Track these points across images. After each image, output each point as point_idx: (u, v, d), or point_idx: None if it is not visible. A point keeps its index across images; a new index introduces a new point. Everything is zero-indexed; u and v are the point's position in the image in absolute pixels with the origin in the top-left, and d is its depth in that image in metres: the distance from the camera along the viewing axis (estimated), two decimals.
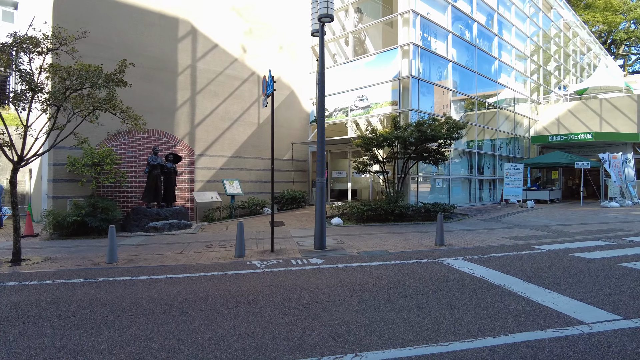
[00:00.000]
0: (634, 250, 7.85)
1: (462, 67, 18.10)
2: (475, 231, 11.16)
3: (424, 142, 13.29)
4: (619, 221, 13.04)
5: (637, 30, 50.28)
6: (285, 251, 8.62)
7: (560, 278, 5.83)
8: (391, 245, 9.05)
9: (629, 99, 21.95)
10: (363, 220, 13.25)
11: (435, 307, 4.66)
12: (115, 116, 8.78)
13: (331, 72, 18.22)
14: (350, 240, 9.97)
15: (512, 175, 18.44)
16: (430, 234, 10.56)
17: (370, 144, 13.36)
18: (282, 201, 16.64)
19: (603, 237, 9.68)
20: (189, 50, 14.93)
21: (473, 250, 8.23)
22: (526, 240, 9.54)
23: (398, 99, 15.29)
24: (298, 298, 5.11)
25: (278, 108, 17.81)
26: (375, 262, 7.22)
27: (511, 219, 13.97)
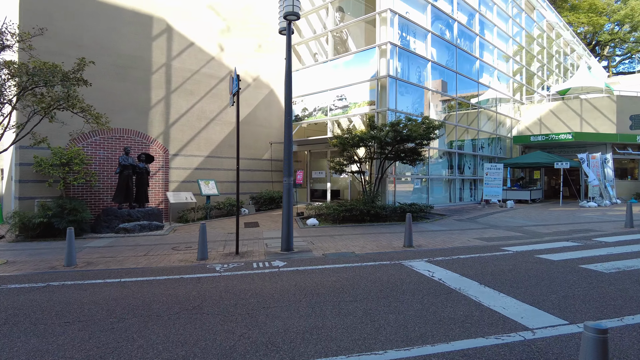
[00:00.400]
0: (599, 252, 7.80)
1: (442, 67, 18.05)
2: (448, 232, 11.08)
3: (400, 142, 13.20)
4: (593, 221, 13.06)
5: (620, 32, 50.80)
6: (251, 253, 8.45)
7: (518, 281, 5.74)
8: (360, 247, 8.93)
9: (609, 100, 22.10)
10: (339, 221, 13.11)
11: (382, 312, 4.53)
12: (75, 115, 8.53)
13: (310, 71, 18.08)
14: (321, 241, 9.82)
15: (492, 175, 18.44)
16: (402, 235, 10.44)
17: (346, 144, 13.23)
18: (260, 201, 16.45)
19: (573, 238, 9.65)
20: (164, 48, 14.68)
21: (440, 252, 8.13)
22: (497, 241, 9.47)
23: (376, 98, 15.18)
24: (245, 303, 4.95)
25: (257, 107, 17.62)
26: (338, 265, 7.08)
27: (488, 219, 13.93)
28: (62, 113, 8.86)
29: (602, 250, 7.90)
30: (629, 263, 6.70)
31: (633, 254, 7.49)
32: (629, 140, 21.54)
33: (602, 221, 13.06)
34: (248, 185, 17.23)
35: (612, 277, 5.86)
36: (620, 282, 5.56)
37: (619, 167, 23.10)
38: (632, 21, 47.17)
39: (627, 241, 9.01)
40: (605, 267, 6.46)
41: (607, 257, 7.29)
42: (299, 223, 13.14)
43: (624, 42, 53.59)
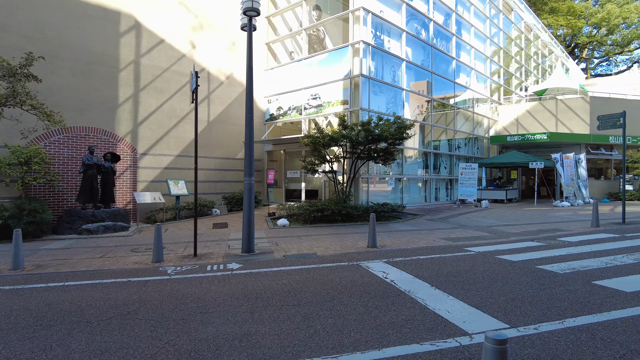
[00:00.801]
0: (559, 252, 7.77)
1: (418, 67, 18.02)
2: (416, 232, 10.99)
3: (372, 142, 13.09)
4: (563, 220, 13.12)
5: (597, 35, 51.65)
6: (210, 255, 8.22)
7: (472, 283, 5.63)
8: (324, 248, 8.76)
9: (582, 101, 22.36)
10: (310, 221, 12.94)
11: (323, 316, 4.36)
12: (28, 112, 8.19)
13: (285, 70, 17.88)
14: (286, 242, 9.63)
15: (466, 175, 18.47)
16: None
17: (317, 143, 13.07)
18: (232, 202, 16.18)
19: (538, 238, 9.63)
20: (133, 45, 14.33)
21: (402, 252, 8.01)
22: (462, 241, 9.40)
23: (349, 98, 15.06)
24: (185, 308, 4.74)
25: (230, 105, 17.35)
26: (295, 267, 6.90)
27: (460, 219, 13.91)
28: (17, 110, 8.52)
29: (563, 250, 7.87)
30: (585, 263, 6.66)
31: (591, 254, 7.47)
32: (602, 141, 21.83)
33: (572, 220, 13.13)
34: (221, 185, 16.95)
35: (566, 277, 5.80)
36: (571, 283, 5.49)
37: (593, 167, 23.43)
38: (609, 24, 47.98)
39: (590, 240, 9.02)
40: (562, 267, 6.40)
41: (565, 257, 7.25)
42: (269, 224, 12.93)
43: (601, 44, 54.54)
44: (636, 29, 49.54)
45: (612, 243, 8.66)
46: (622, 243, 8.64)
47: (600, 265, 6.52)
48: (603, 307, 4.51)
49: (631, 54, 55.34)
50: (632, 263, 6.62)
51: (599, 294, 4.98)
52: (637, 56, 55.51)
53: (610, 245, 8.36)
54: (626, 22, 48.76)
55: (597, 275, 5.90)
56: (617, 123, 12.39)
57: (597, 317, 4.18)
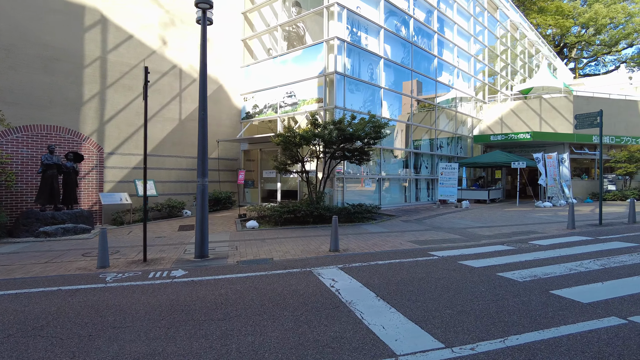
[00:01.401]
0: (526, 257, 7.39)
1: (397, 65, 17.63)
2: (386, 234, 10.58)
3: (345, 141, 12.68)
4: (541, 222, 12.80)
5: (585, 35, 51.69)
6: (160, 261, 7.76)
7: (422, 292, 5.23)
8: (284, 252, 8.34)
9: (566, 100, 22.12)
10: (281, 223, 12.50)
11: (243, 333, 3.94)
12: None
13: (261, 67, 17.43)
14: (248, 246, 9.20)
15: (447, 174, 18.13)
16: (342, 237, 9.92)
17: (289, 142, 12.63)
18: None
19: (510, 241, 9.27)
20: (98, 40, 13.79)
21: (362, 257, 7.60)
22: (430, 244, 9.01)
23: (324, 95, 14.63)
24: (99, 322, 4.29)
25: None
26: (243, 274, 6.47)
27: (436, 220, 13.54)
28: None
29: (530, 255, 7.50)
30: (549, 269, 6.29)
31: (558, 259, 7.10)
32: (585, 140, 21.60)
33: (550, 222, 12.81)
34: (193, 185, 16.44)
35: (524, 286, 5.41)
36: (528, 293, 5.11)
37: (578, 167, 23.22)
38: (596, 24, 48.02)
39: (561, 244, 8.67)
40: (523, 274, 6.02)
41: (531, 262, 6.87)
42: (238, 226, 12.48)
43: (589, 44, 54.61)
44: (623, 29, 49.65)
45: (583, 247, 8.32)
46: (593, 247, 8.29)
47: (564, 272, 6.15)
48: (553, 321, 4.13)
49: (619, 54, 55.47)
50: (597, 269, 6.25)
51: (553, 306, 4.59)
52: (625, 56, 55.61)
53: (580, 249, 8.01)
54: (613, 22, 48.84)
55: (558, 283, 5.53)
56: (594, 122, 12.08)
57: (543, 334, 3.79)
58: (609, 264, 6.59)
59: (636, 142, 22.18)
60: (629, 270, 6.19)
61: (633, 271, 6.12)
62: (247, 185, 18.17)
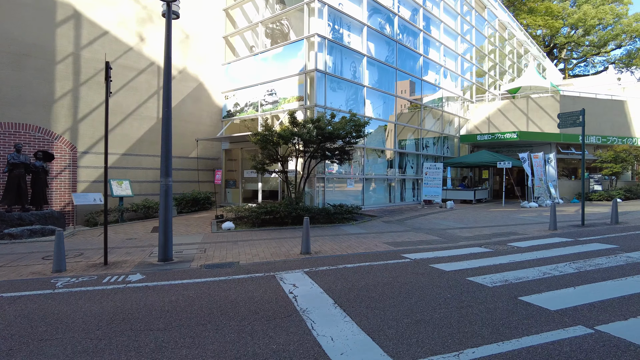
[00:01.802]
0: (502, 259, 7.13)
1: (381, 63, 17.36)
2: (363, 235, 10.29)
3: (325, 140, 12.38)
4: (524, 223, 12.58)
5: (575, 35, 51.85)
6: (122, 264, 7.40)
7: (383, 299, 4.94)
8: (253, 255, 8.02)
9: (553, 99, 22.01)
10: (258, 224, 12.17)
11: (180, 346, 3.61)
12: None
13: (243, 65, 17.09)
14: (217, 249, 8.86)
15: (431, 174, 17.89)
16: (314, 239, 9.62)
17: (267, 141, 12.30)
18: (182, 203, 15.30)
19: (488, 243, 9.01)
20: (71, 36, 13.38)
21: (332, 260, 7.29)
22: (405, 246, 8.73)
23: (304, 94, 14.32)
24: (29, 334, 3.95)
25: (183, 102, 16.48)
26: (203, 279, 6.14)
27: (418, 221, 13.28)
28: None
29: (506, 258, 7.24)
30: (522, 274, 6.02)
31: (534, 262, 6.84)
32: (572, 140, 21.49)
33: (532, 223, 12.60)
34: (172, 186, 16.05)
35: (493, 292, 5.14)
36: (495, 299, 4.83)
37: (566, 167, 23.10)
38: (585, 25, 48.16)
39: (539, 246, 8.42)
40: (494, 279, 5.75)
41: (505, 266, 6.61)
42: (214, 227, 12.13)
43: (579, 45, 54.77)
44: (612, 30, 49.84)
45: (562, 249, 8.07)
46: (572, 249, 8.05)
47: (537, 276, 5.89)
48: (516, 331, 3.84)
49: (608, 55, 55.67)
50: (572, 273, 6.00)
51: (519, 314, 4.32)
52: (614, 57, 55.85)
53: (558, 252, 7.76)
54: (602, 23, 49.02)
55: (529, 288, 5.26)
56: (576, 121, 11.89)
57: (503, 347, 3.51)
58: (584, 267, 6.34)
59: (622, 142, 22.12)
60: (603, 274, 5.95)
61: (607, 275, 5.87)
62: (228, 185, 17.82)
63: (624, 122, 22.81)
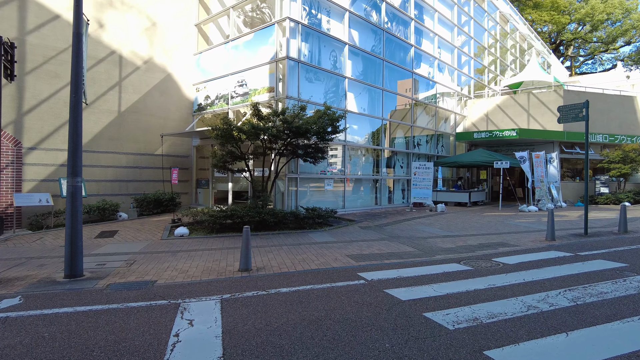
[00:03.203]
0: (478, 283, 5.68)
1: (365, 53, 15.91)
2: (329, 245, 8.87)
3: (294, 136, 10.99)
4: (518, 230, 11.11)
5: (582, 31, 50.07)
6: (15, 281, 6.04)
7: (294, 350, 3.53)
8: (182, 272, 6.64)
9: (556, 95, 20.44)
10: (217, 230, 10.79)
11: None
12: None
13: (214, 54, 15.72)
14: (149, 261, 7.50)
15: (420, 175, 16.40)
16: (268, 250, 8.23)
17: (226, 136, 10.91)
18: (143, 204, 13.94)
19: (470, 258, 7.56)
20: (14, 19, 12.05)
21: (271, 280, 5.89)
22: (369, 261, 7.31)
23: (275, 84, 12.92)
24: None
25: (148, 94, 15.12)
26: (91, 306, 4.76)
27: (399, 227, 11.84)
28: None
29: (485, 281, 5.79)
30: (499, 308, 4.58)
31: (520, 288, 5.39)
32: (577, 139, 19.93)
33: (528, 230, 11.12)
34: (134, 185, 14.73)
35: (449, 340, 3.71)
36: (450, 353, 3.40)
37: (570, 167, 21.52)
38: (593, 20, 46.38)
39: (530, 263, 6.96)
40: (459, 316, 4.31)
41: (480, 294, 5.17)
42: (166, 233, 10.77)
43: (586, 41, 53.01)
44: (621, 26, 48.04)
45: (557, 267, 6.61)
46: (570, 267, 6.59)
47: (519, 311, 4.45)
48: None
49: (616, 52, 53.87)
50: (565, 307, 4.55)
51: None
52: (623, 54, 53.98)
53: (552, 272, 6.30)
54: (610, 18, 47.23)
55: (503, 334, 3.82)
56: (579, 115, 10.40)
57: None
58: (583, 298, 4.89)
59: (631, 141, 20.49)
60: (608, 309, 4.50)
61: (613, 310, 4.42)
62: (200, 185, 16.46)
63: (633, 119, 21.20)
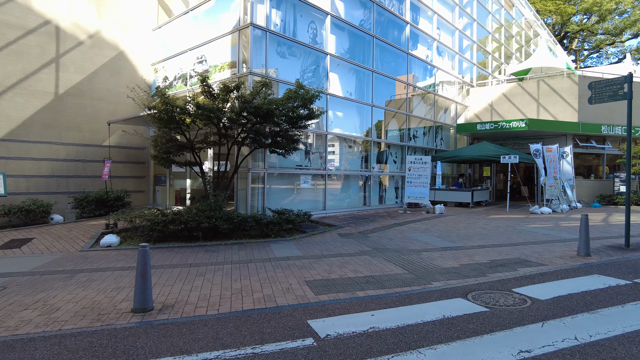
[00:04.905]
0: (501, 345, 3.40)
1: (353, 27, 13.58)
2: (289, 263, 6.59)
3: (259, 121, 8.71)
4: (536, 240, 8.83)
5: (588, 23, 47.73)
6: None
7: None
8: (46, 312, 4.36)
9: (569, 81, 18.12)
10: (156, 238, 8.48)
11: None
12: None
13: (174, 28, 13.43)
14: (24, 289, 5.26)
15: (416, 170, 14.07)
16: (209, 270, 5.95)
17: (166, 120, 8.61)
18: (83, 204, 11.64)
19: (481, 286, 5.29)
20: None
21: (166, 335, 3.61)
22: (336, 292, 5.03)
23: (237, 58, 10.62)
24: None
25: (95, 74, 12.81)
26: None
27: (388, 234, 9.56)
28: None
29: (509, 341, 3.50)
30: None
31: (570, 355, 3.12)
32: (593, 131, 17.65)
33: (550, 240, 8.84)
34: (76, 182, 12.45)
35: None
36: None
37: (581, 163, 19.24)
38: (600, 9, 44.03)
39: (572, 298, 4.66)
40: None
41: None
42: (91, 242, 8.48)
43: (592, 33, 50.71)
44: (629, 17, 45.75)
45: (619, 310, 4.33)
46: (636, 308, 4.31)
47: None
48: None
49: (622, 45, 51.64)
50: None
51: None
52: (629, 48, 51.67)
53: (615, 319, 4.03)
54: (618, 9, 44.90)
55: None
56: (618, 93, 8.10)
57: None
58: None
59: None
60: None
61: None
62: (159, 182, 14.16)
63: None
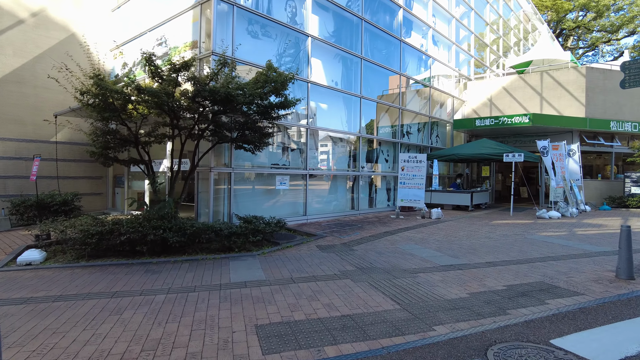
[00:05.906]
0: None
1: (337, 7, 12.00)
2: (243, 293, 4.98)
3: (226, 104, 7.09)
4: (555, 254, 7.30)
5: (584, 20, 46.57)
6: None
7: None
8: None
9: (575, 73, 16.67)
10: (89, 254, 6.82)
11: None
12: None
13: (133, 7, 11.72)
14: None
15: (410, 170, 12.52)
16: (130, 307, 4.33)
17: (103, 107, 6.96)
18: (21, 209, 9.93)
19: (504, 335, 3.73)
20: None
21: None
22: (296, 347, 3.44)
23: (199, 37, 8.99)
24: None
25: (40, 59, 11.11)
26: None
27: (377, 246, 7.99)
28: None
29: None
30: None
31: None
32: (601, 127, 16.23)
33: (570, 255, 7.31)
34: (17, 183, 10.75)
35: None
36: None
37: (586, 163, 17.84)
38: (597, 5, 42.86)
39: None
40: None
41: None
42: (7, 258, 6.80)
43: (588, 30, 49.63)
44: (626, 14, 44.73)
45: None
46: None
47: None
48: None
49: (618, 43, 50.63)
50: None
51: None
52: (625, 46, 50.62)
53: None
54: (616, 4, 43.80)
55: None
56: None
57: None
58: None
59: None
60: None
61: None
62: (118, 183, 12.47)
63: None
